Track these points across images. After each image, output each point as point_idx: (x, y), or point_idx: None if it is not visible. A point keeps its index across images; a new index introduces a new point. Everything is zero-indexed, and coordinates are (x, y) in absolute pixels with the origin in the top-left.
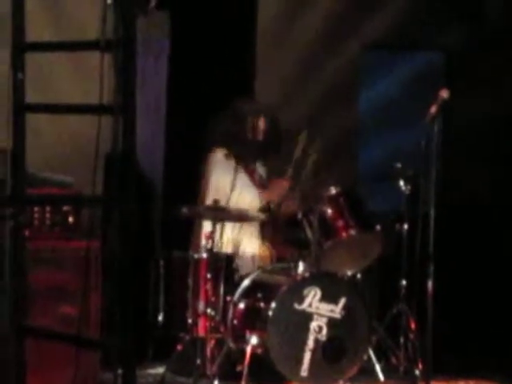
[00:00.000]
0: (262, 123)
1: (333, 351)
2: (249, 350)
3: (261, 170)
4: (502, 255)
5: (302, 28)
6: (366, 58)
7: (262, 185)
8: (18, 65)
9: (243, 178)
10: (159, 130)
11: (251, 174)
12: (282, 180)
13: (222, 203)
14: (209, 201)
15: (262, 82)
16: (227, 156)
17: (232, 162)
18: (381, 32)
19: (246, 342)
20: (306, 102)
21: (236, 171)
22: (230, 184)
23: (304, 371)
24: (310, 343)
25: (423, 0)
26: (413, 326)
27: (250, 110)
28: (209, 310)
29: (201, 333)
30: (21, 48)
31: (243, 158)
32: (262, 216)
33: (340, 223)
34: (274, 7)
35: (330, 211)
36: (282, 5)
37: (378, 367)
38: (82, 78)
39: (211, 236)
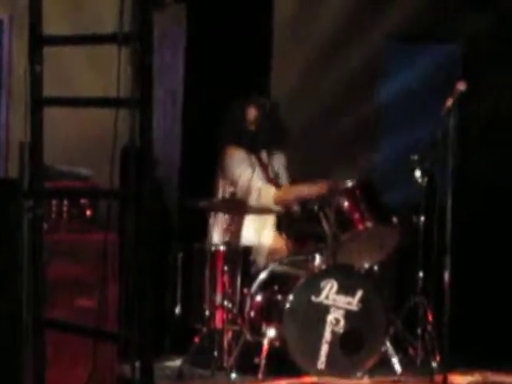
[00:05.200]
0: (252, 112)
1: (350, 343)
2: (266, 342)
3: (278, 166)
4: None
5: (320, 20)
6: (386, 49)
7: (274, 181)
8: (35, 58)
9: (259, 173)
10: (176, 123)
11: (265, 168)
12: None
13: (242, 197)
14: (226, 194)
15: (279, 73)
16: (242, 151)
17: (247, 157)
18: (401, 24)
19: (263, 334)
20: (324, 94)
21: (254, 166)
22: (248, 179)
23: (321, 363)
24: (327, 335)
25: None
26: (430, 317)
27: (244, 102)
28: (226, 303)
29: (218, 325)
30: (38, 42)
31: (250, 149)
32: (278, 209)
33: (356, 215)
34: None
35: (346, 203)
36: None
37: (395, 359)
38: (98, 72)
39: (228, 229)
